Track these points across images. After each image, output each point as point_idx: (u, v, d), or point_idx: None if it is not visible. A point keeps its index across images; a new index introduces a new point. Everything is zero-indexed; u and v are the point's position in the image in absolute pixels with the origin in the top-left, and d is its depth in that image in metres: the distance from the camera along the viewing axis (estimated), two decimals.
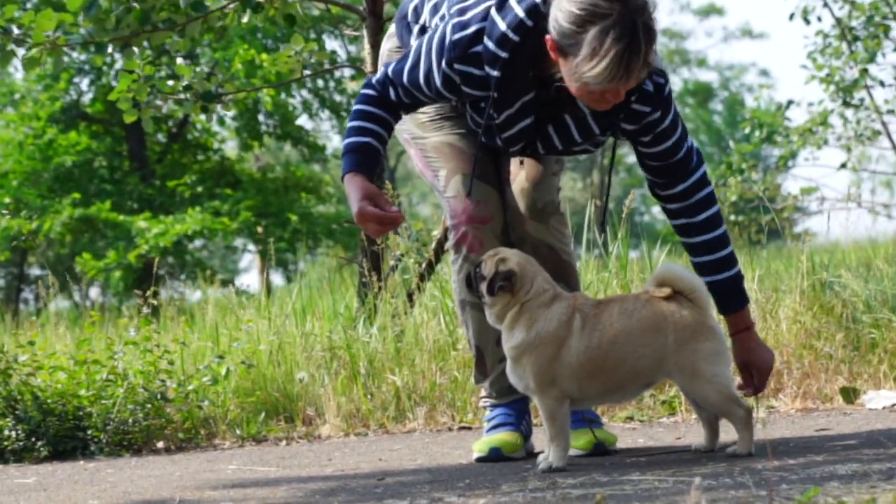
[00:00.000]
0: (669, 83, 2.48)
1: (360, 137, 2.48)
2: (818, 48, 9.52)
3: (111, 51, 4.02)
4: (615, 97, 2.31)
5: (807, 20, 9.40)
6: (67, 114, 15.50)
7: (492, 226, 2.62)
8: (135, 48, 4.10)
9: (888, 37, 9.29)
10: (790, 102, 9.77)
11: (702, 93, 31.02)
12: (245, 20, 4.06)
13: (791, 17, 9.48)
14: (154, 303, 3.77)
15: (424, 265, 4.18)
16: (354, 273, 4.65)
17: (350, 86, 15.02)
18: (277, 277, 15.82)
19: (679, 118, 2.53)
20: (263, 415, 3.58)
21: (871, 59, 9.20)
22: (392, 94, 2.51)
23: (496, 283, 2.39)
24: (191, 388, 3.48)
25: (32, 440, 3.29)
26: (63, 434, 3.30)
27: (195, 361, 3.77)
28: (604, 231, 3.06)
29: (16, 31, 3.93)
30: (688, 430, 3.04)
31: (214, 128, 16.03)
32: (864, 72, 9.17)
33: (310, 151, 15.87)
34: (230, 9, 4.11)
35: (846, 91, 9.36)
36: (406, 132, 2.74)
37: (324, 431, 3.49)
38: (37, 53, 3.84)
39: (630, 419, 3.34)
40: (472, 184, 2.60)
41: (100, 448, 3.30)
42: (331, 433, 3.47)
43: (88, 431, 3.33)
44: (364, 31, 4.32)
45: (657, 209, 3.07)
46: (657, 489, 2.03)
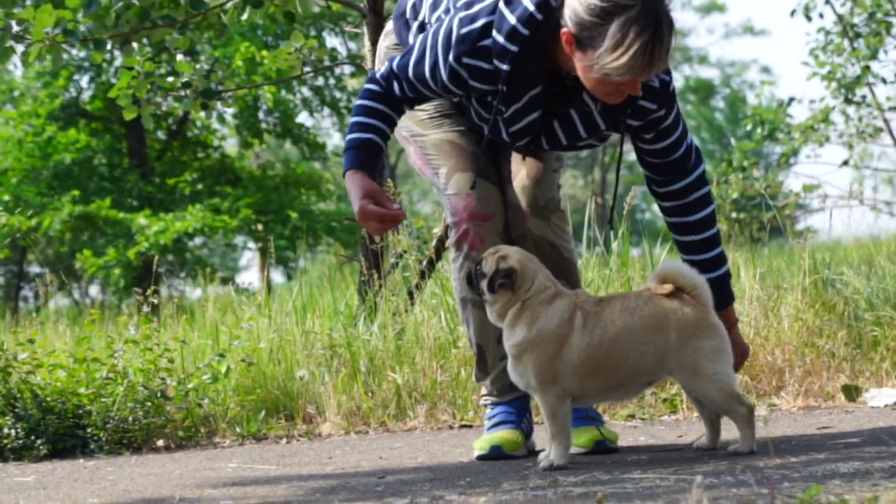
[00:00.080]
0: (673, 80, 2.49)
1: (363, 134, 2.47)
2: (820, 45, 9.50)
3: (110, 48, 4.01)
4: (632, 89, 2.32)
5: (808, 17, 9.38)
6: (67, 111, 15.48)
7: (493, 223, 2.61)
8: (134, 45, 4.09)
9: (890, 33, 9.27)
10: (792, 99, 9.75)
11: (703, 90, 30.99)
12: (244, 17, 4.04)
13: (793, 14, 9.46)
14: (154, 301, 3.76)
15: (425, 263, 4.17)
16: (355, 271, 4.64)
17: (350, 83, 15.01)
18: (278, 275, 15.83)
19: (681, 116, 2.54)
20: (264, 413, 3.57)
21: (873, 56, 9.19)
22: (396, 89, 2.50)
23: (497, 281, 2.38)
24: (191, 387, 3.47)
25: (32, 438, 3.28)
26: (63, 432, 3.30)
27: (195, 359, 3.76)
28: (612, 227, 3.06)
29: (15, 28, 3.91)
30: (689, 428, 3.03)
31: (214, 125, 16.02)
32: (866, 69, 9.15)
33: (310, 149, 15.86)
34: (230, 6, 4.09)
35: (848, 88, 9.35)
36: (405, 129, 2.73)
37: (324, 429, 3.48)
38: (36, 50, 3.83)
39: (631, 417, 3.33)
40: (476, 181, 2.59)
41: (99, 446, 3.30)
42: (331, 431, 3.46)
43: (88, 429, 3.33)
44: (364, 28, 4.30)
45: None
46: (658, 487, 2.02)
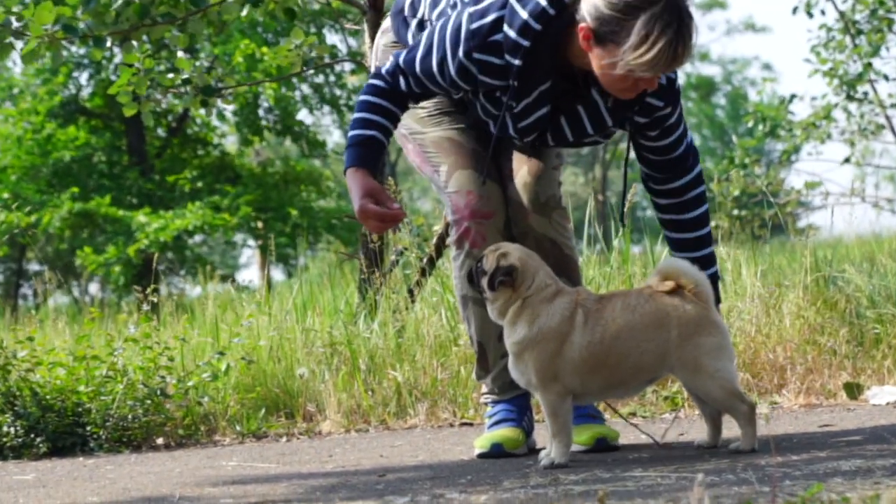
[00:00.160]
0: (678, 78, 2.50)
1: (365, 130, 2.46)
2: (822, 42, 9.48)
3: (110, 45, 3.99)
4: (649, 85, 2.34)
5: (810, 14, 9.35)
6: (66, 108, 15.46)
7: (494, 221, 2.60)
8: (134, 42, 4.08)
9: (892, 30, 9.25)
10: (793, 96, 9.73)
11: (704, 87, 30.95)
12: (244, 14, 4.03)
13: (794, 11, 9.44)
14: (153, 299, 3.76)
15: (426, 260, 4.16)
16: (355, 268, 4.64)
17: (350, 80, 14.99)
18: (278, 273, 15.82)
19: (683, 114, 2.54)
20: (264, 411, 3.56)
21: (875, 53, 9.17)
22: (402, 84, 2.49)
23: (497, 278, 2.38)
24: (190, 385, 3.46)
25: (31, 436, 3.27)
26: (62, 430, 3.29)
27: (195, 357, 3.76)
28: (623, 225, 3.06)
29: (15, 24, 3.90)
30: (690, 426, 3.02)
31: (214, 122, 16.00)
32: (868, 66, 9.13)
33: (310, 147, 15.85)
34: (230, 2, 4.08)
35: (850, 85, 9.33)
36: (403, 127, 2.71)
37: (324, 427, 3.47)
38: (34, 45, 3.82)
39: (633, 415, 3.32)
40: (476, 178, 2.59)
41: (99, 444, 3.29)
42: (331, 429, 3.46)
43: (88, 428, 3.32)
44: (364, 25, 4.29)
45: None
46: (659, 485, 2.02)
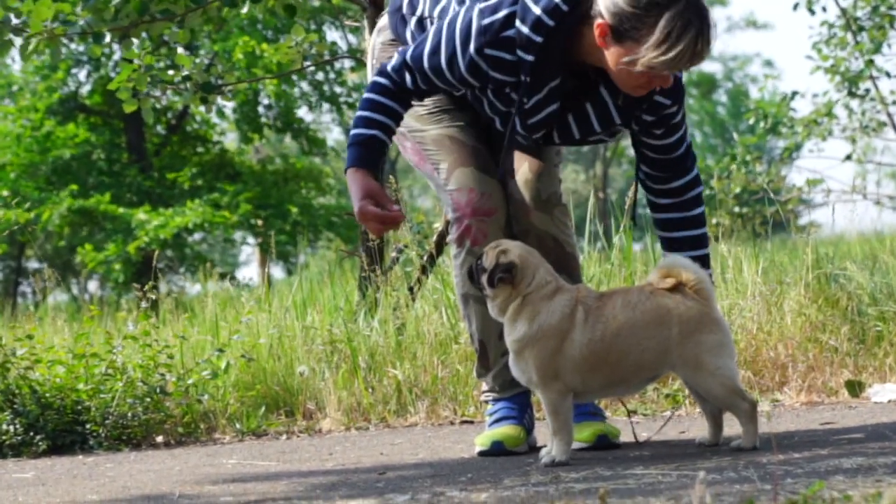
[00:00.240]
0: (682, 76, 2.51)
1: (367, 130, 2.46)
2: (823, 38, 9.45)
3: (109, 41, 3.98)
4: (663, 83, 2.36)
5: (811, 10, 9.33)
6: (65, 105, 15.44)
7: (496, 218, 2.60)
8: (133, 39, 4.07)
9: (894, 27, 9.22)
10: (795, 93, 9.70)
11: (705, 84, 30.91)
12: (244, 11, 4.02)
13: (795, 8, 9.41)
14: (152, 296, 3.75)
15: (426, 258, 4.15)
16: (355, 265, 4.63)
17: (350, 77, 14.98)
18: (278, 270, 15.81)
19: (685, 114, 2.56)
20: (263, 409, 3.55)
21: (877, 50, 9.14)
22: (409, 81, 2.48)
23: (496, 275, 2.37)
24: (190, 382, 3.46)
25: (31, 434, 3.27)
26: (62, 428, 3.28)
27: (195, 355, 3.75)
28: (635, 224, 3.05)
29: (14, 21, 3.89)
30: (691, 424, 3.01)
31: (214, 120, 15.98)
32: (870, 62, 9.11)
33: (310, 144, 15.83)
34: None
35: (851, 82, 9.30)
36: (402, 125, 2.70)
37: (324, 425, 3.47)
38: (34, 43, 3.81)
39: (633, 413, 3.31)
40: (477, 176, 2.58)
41: (99, 442, 3.28)
42: (331, 427, 3.45)
43: (87, 426, 3.31)
44: (364, 22, 4.28)
45: None
46: (661, 483, 2.01)
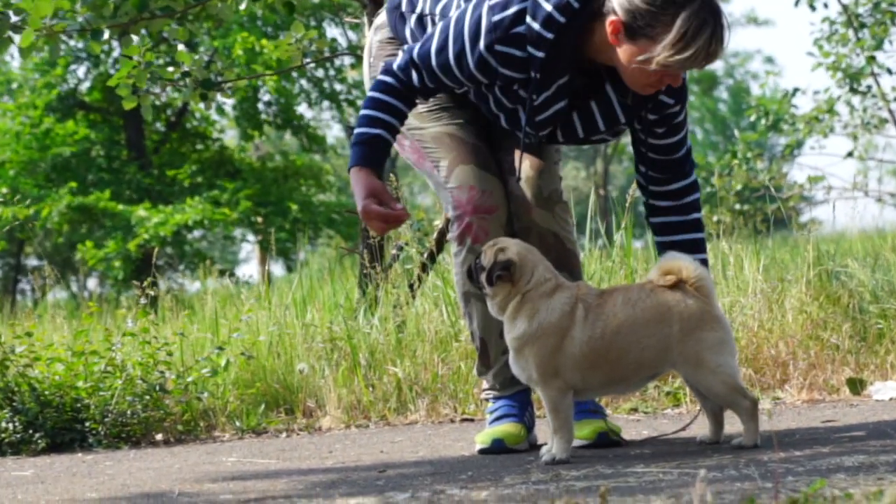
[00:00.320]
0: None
1: (371, 129, 2.46)
2: (824, 35, 9.43)
3: (108, 38, 3.97)
4: (674, 81, 2.37)
5: (813, 7, 9.31)
6: (65, 103, 15.42)
7: (497, 215, 2.59)
8: (133, 36, 4.06)
9: (895, 23, 9.19)
10: (796, 90, 9.68)
11: (706, 81, 30.88)
12: (243, 7, 4.01)
13: (797, 4, 9.39)
14: (152, 293, 3.74)
15: (426, 255, 4.14)
16: (355, 263, 4.62)
17: (351, 74, 14.95)
18: (278, 268, 15.80)
19: (687, 115, 2.57)
20: (263, 406, 3.55)
21: (878, 47, 9.11)
22: (415, 79, 2.48)
23: (495, 273, 2.36)
24: (190, 380, 3.45)
25: (30, 432, 3.26)
26: (61, 426, 3.28)
27: (194, 353, 3.74)
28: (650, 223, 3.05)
29: (13, 18, 3.88)
30: (693, 422, 3.00)
31: (213, 117, 15.96)
32: (871, 59, 9.09)
33: (309, 141, 15.81)
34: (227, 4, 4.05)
35: (853, 78, 9.28)
36: None
37: (324, 423, 3.46)
38: (34, 40, 3.80)
39: (634, 410, 3.31)
40: (478, 173, 2.58)
41: (98, 440, 3.27)
42: (331, 425, 3.44)
43: (86, 423, 3.30)
44: (364, 19, 4.27)
45: None
46: (661, 481, 2.00)
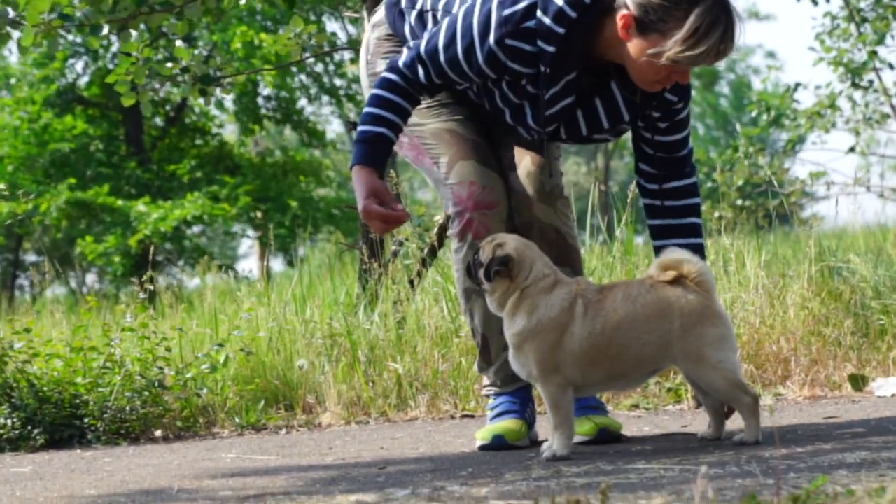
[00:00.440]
0: None
1: (374, 127, 2.46)
2: (826, 30, 9.39)
3: (107, 33, 3.96)
4: (683, 78, 2.38)
5: (815, 1, 9.26)
6: (63, 98, 15.40)
7: (498, 211, 2.59)
8: (132, 31, 4.04)
9: None
10: (798, 85, 9.65)
11: (708, 76, 30.83)
12: (243, 1, 3.99)
13: None
14: (151, 288, 3.73)
15: (426, 251, 4.13)
16: (355, 259, 4.61)
17: (350, 69, 14.92)
18: (277, 263, 15.80)
19: (690, 113, 2.58)
20: (263, 403, 3.54)
21: (880, 41, 9.07)
22: (422, 75, 2.47)
23: (492, 269, 2.35)
24: (189, 376, 3.44)
25: (28, 428, 3.25)
26: (59, 422, 3.27)
27: (193, 349, 3.74)
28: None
29: (11, 13, 3.87)
30: (694, 418, 3.00)
31: (213, 112, 15.93)
32: (873, 54, 9.05)
33: (309, 136, 15.79)
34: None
35: (855, 73, 9.25)
36: None
37: (324, 419, 3.45)
38: (32, 35, 3.79)
39: (635, 407, 3.30)
40: (478, 169, 2.57)
41: (97, 436, 3.27)
42: (331, 421, 3.43)
43: (85, 419, 3.30)
44: (364, 13, 4.25)
45: None
46: (662, 478, 1.99)
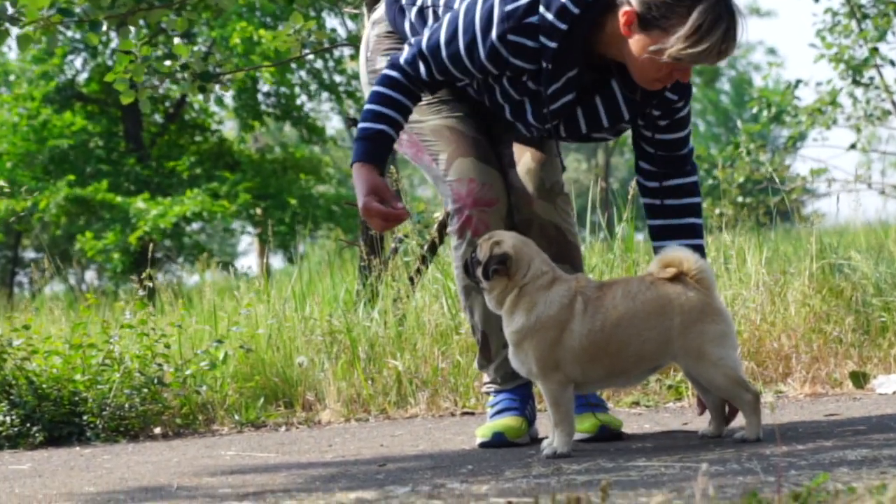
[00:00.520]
0: None
1: (375, 124, 2.46)
2: (827, 26, 9.37)
3: (106, 29, 3.95)
4: (684, 76, 2.38)
5: None
6: (62, 94, 15.39)
7: (497, 208, 2.58)
8: (131, 27, 4.03)
9: None
10: (799, 82, 9.63)
11: (708, 72, 30.78)
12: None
13: None
14: (150, 284, 3.72)
15: (426, 248, 4.12)
16: (355, 255, 4.60)
17: (350, 65, 14.90)
18: (277, 260, 15.79)
19: (690, 112, 2.58)
20: (262, 400, 3.53)
21: (881, 38, 9.05)
22: (423, 72, 2.46)
23: (490, 267, 2.34)
24: (188, 373, 3.44)
25: (27, 426, 3.25)
26: (58, 419, 3.27)
27: (193, 346, 3.73)
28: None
29: (10, 10, 3.86)
30: (694, 416, 2.99)
31: (212, 108, 15.92)
32: (874, 50, 9.03)
33: (309, 133, 15.78)
34: None
35: (856, 70, 9.23)
36: None
37: (324, 417, 3.44)
38: (31, 31, 3.78)
39: (636, 404, 3.30)
40: (478, 166, 2.56)
41: (96, 434, 3.26)
42: (331, 419, 3.43)
43: (84, 417, 3.29)
44: (364, 9, 4.24)
45: None
46: (663, 475, 1.99)
